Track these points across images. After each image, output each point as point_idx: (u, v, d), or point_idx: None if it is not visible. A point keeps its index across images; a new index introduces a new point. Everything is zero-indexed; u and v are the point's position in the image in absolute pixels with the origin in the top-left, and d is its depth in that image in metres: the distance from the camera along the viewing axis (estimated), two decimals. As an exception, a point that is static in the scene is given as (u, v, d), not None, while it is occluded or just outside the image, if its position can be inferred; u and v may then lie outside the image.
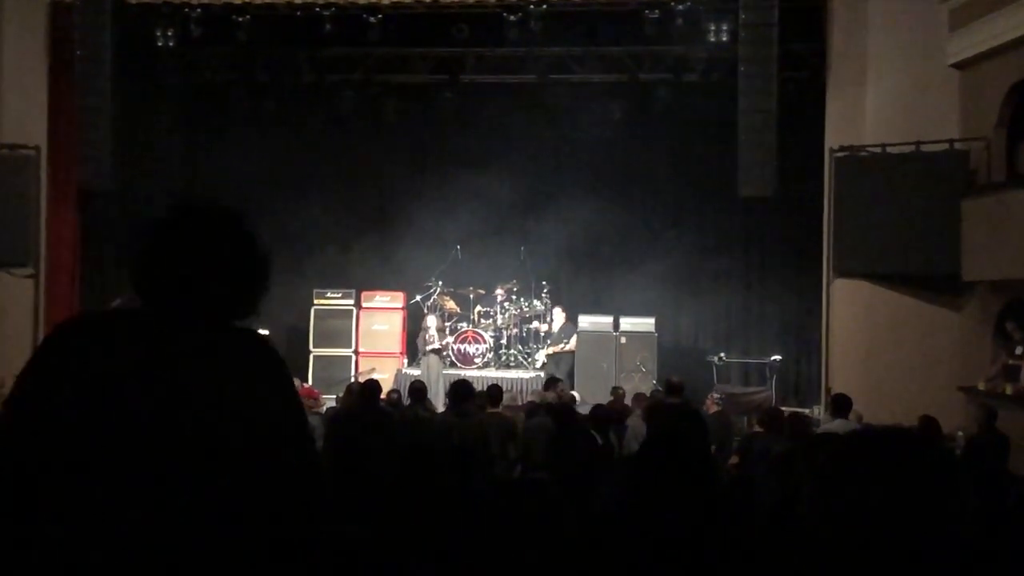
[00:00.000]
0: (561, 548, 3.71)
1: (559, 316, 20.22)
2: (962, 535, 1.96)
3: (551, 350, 19.75)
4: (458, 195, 20.84)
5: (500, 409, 12.36)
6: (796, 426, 11.51)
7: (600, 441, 10.94)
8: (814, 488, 2.05)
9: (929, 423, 11.86)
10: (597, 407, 12.18)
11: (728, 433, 13.63)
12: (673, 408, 12.40)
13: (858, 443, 2.08)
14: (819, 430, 12.19)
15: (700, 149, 20.98)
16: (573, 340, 19.77)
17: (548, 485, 4.34)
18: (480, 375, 18.85)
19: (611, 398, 15.37)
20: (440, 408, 14.96)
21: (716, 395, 15.66)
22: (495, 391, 12.58)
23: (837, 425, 12.04)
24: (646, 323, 20.19)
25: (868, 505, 1.95)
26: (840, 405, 12.78)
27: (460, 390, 11.44)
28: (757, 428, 13.12)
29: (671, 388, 13.48)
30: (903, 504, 1.94)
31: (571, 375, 19.42)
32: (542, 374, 19.28)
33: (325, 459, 10.53)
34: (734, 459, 11.85)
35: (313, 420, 12.50)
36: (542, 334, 20.51)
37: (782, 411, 13.58)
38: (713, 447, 12.15)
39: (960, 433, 13.90)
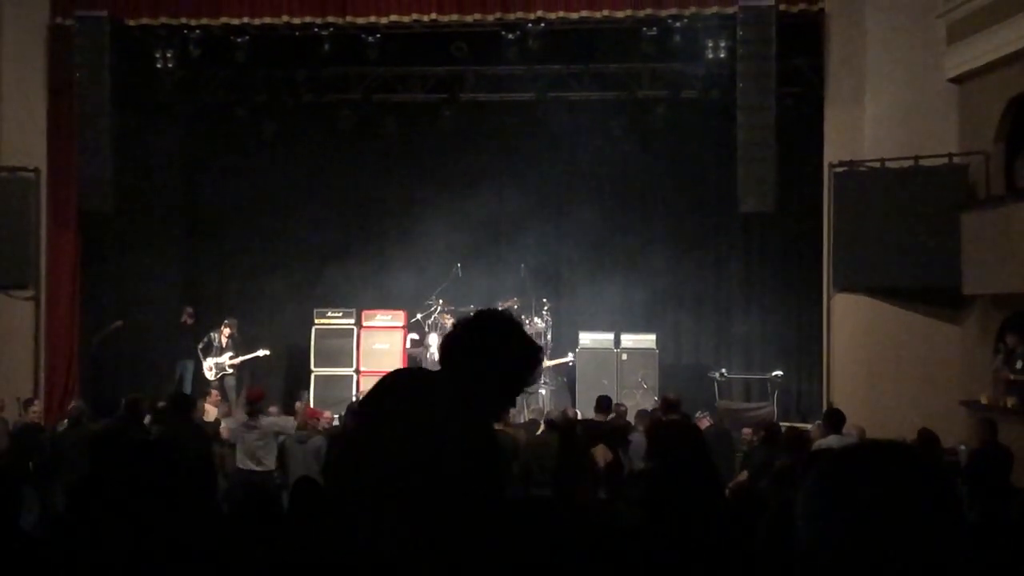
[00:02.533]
0: (570, 566, 3.72)
1: None
2: (958, 549, 1.96)
3: None
4: (458, 213, 20.85)
5: (500, 426, 12.35)
6: (794, 441, 11.53)
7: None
8: (807, 501, 2.05)
9: (928, 436, 11.85)
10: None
11: (728, 447, 13.63)
12: (672, 425, 12.42)
13: (851, 457, 2.08)
14: (814, 447, 12.19)
15: (699, 165, 21.03)
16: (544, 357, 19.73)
17: (553, 503, 4.33)
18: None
19: (612, 415, 15.38)
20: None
21: (704, 411, 15.76)
22: None
23: (832, 440, 12.03)
24: (647, 339, 20.18)
25: (861, 519, 1.94)
26: (834, 421, 12.76)
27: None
28: (754, 440, 13.17)
29: (668, 404, 13.45)
30: (897, 517, 1.94)
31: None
32: None
33: (326, 478, 10.54)
34: (743, 474, 11.86)
35: (317, 440, 12.53)
36: None
37: (780, 425, 13.60)
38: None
39: (962, 447, 13.91)
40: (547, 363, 19.54)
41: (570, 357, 20.00)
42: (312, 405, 18.54)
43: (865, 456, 2.06)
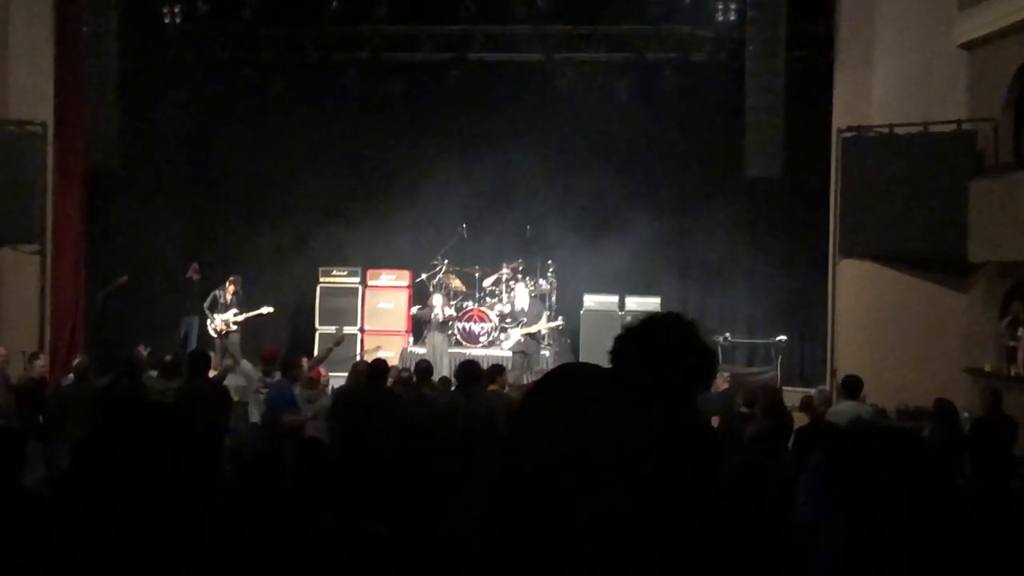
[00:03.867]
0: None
1: (523, 292, 20.04)
2: (952, 533, 1.96)
3: (531, 329, 19.50)
4: (464, 173, 20.83)
5: (506, 388, 12.33)
6: (772, 407, 11.53)
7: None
8: (809, 483, 2.05)
9: (944, 406, 11.81)
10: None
11: (732, 411, 13.61)
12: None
13: (853, 443, 2.08)
14: (828, 412, 12.20)
15: (707, 129, 20.90)
16: (544, 318, 19.66)
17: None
18: (485, 354, 18.89)
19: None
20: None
21: (725, 373, 15.68)
22: (496, 370, 12.57)
23: (847, 407, 12.02)
24: (651, 302, 20.21)
25: (861, 504, 1.94)
26: (851, 387, 12.71)
27: (468, 371, 11.43)
28: (743, 409, 13.18)
29: None
30: (895, 503, 1.94)
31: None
32: (509, 354, 19.23)
33: (331, 438, 10.56)
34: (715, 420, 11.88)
35: (325, 400, 12.51)
36: (505, 313, 20.34)
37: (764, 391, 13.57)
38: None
39: (966, 414, 13.90)
40: (535, 328, 19.49)
41: (559, 321, 19.98)
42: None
43: (867, 443, 2.06)
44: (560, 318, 20.04)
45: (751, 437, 11.02)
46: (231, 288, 19.90)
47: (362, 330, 20.92)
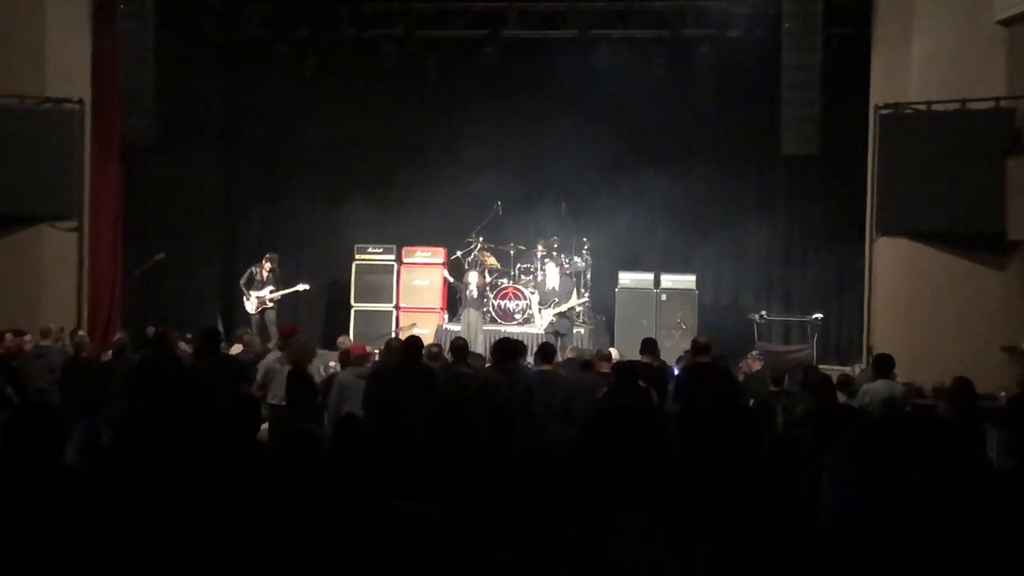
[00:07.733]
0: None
1: (553, 272, 19.97)
2: (987, 529, 1.94)
3: (563, 307, 19.46)
4: (499, 150, 20.83)
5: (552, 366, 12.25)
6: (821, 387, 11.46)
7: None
8: (833, 475, 2.02)
9: (962, 386, 11.71)
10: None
11: (764, 390, 13.58)
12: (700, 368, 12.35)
13: (882, 433, 2.05)
14: (861, 390, 12.16)
15: (743, 106, 20.87)
16: (574, 295, 19.64)
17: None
18: (520, 331, 18.90)
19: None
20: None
21: (756, 352, 15.60)
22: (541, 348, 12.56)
23: (880, 386, 11.96)
24: (687, 280, 20.17)
25: (889, 497, 1.92)
26: (882, 366, 12.65)
27: (505, 348, 11.44)
28: (772, 387, 13.13)
29: (698, 348, 13.20)
30: (925, 497, 1.91)
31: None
32: (542, 332, 19.17)
33: (367, 416, 10.59)
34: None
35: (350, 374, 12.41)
36: (537, 291, 20.22)
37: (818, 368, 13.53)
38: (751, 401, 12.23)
39: (1002, 393, 13.84)
40: (566, 306, 19.43)
41: (585, 297, 19.93)
42: (353, 340, 18.59)
43: (897, 433, 2.03)
44: (586, 294, 20.01)
45: (798, 419, 10.94)
46: (267, 265, 19.96)
47: (397, 307, 20.96)
